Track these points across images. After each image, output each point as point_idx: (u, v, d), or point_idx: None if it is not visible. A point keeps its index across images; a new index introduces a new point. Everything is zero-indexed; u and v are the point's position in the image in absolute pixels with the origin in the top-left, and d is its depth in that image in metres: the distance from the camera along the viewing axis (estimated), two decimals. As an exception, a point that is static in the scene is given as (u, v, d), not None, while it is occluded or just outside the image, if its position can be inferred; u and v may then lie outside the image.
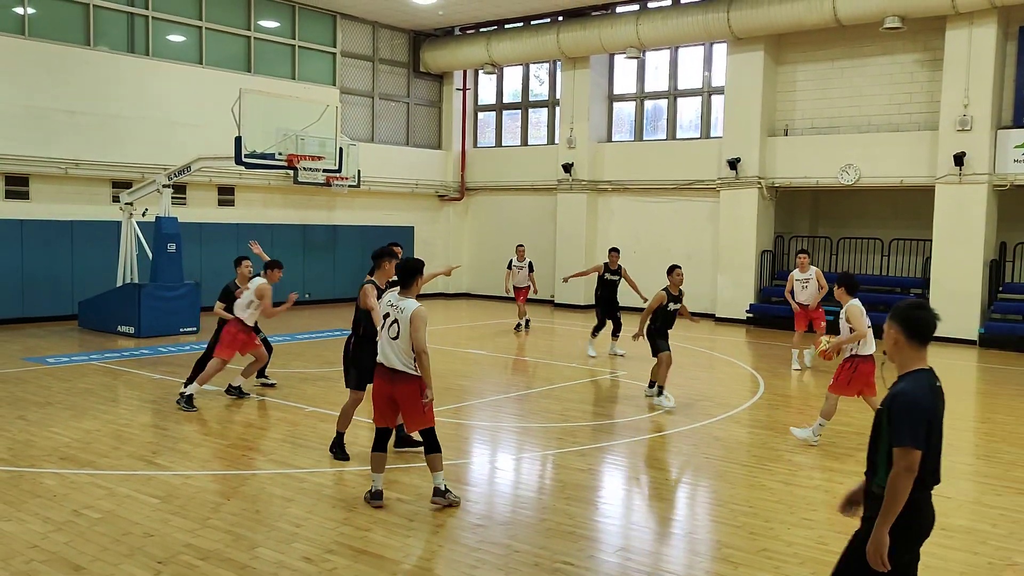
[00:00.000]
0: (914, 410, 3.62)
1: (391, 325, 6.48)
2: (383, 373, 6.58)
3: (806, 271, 13.65)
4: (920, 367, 3.75)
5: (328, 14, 22.19)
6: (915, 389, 3.67)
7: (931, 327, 3.78)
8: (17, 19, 16.89)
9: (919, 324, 3.76)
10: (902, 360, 3.79)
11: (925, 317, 3.77)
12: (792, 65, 19.83)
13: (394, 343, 6.46)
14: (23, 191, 16.99)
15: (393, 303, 6.54)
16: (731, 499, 7.12)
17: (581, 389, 11.89)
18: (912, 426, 3.59)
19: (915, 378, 3.72)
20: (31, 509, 6.44)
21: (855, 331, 8.74)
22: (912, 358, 3.77)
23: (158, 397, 10.67)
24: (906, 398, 3.65)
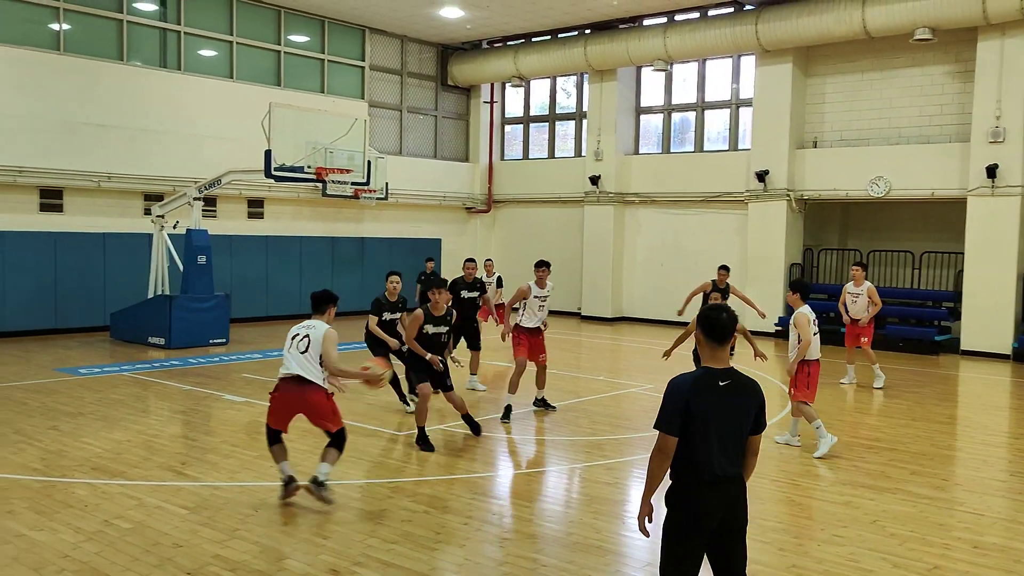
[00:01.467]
0: (667, 398, 3.98)
1: (301, 340, 7.12)
2: (291, 381, 7.05)
3: (860, 285, 13.46)
4: (708, 364, 4.05)
5: (357, 28, 22.39)
6: (679, 381, 4.01)
7: (723, 327, 4.06)
8: (52, 35, 17.22)
9: (713, 325, 4.07)
10: (704, 357, 4.12)
11: (718, 319, 4.07)
12: (821, 77, 19.71)
13: (302, 356, 7.05)
14: (57, 204, 17.28)
15: (307, 324, 7.27)
16: (759, 514, 7.04)
17: (608, 402, 11.84)
18: (663, 412, 3.96)
19: (695, 373, 4.04)
20: (63, 519, 6.52)
21: (802, 339, 8.99)
22: (706, 356, 4.09)
23: (187, 408, 10.77)
24: (667, 388, 4.02)
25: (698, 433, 3.94)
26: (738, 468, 4.08)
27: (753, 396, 4.10)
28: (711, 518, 3.99)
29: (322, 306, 7.47)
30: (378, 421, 10.14)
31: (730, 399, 4.01)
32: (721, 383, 4.00)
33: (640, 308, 22.53)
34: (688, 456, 3.97)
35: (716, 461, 3.96)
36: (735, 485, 4.06)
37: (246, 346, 16.13)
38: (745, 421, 4.08)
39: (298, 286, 20.91)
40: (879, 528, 6.71)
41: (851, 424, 10.65)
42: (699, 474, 3.96)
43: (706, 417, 3.94)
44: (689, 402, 3.93)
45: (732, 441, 4.03)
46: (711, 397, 3.97)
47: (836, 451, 9.11)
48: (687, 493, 4.01)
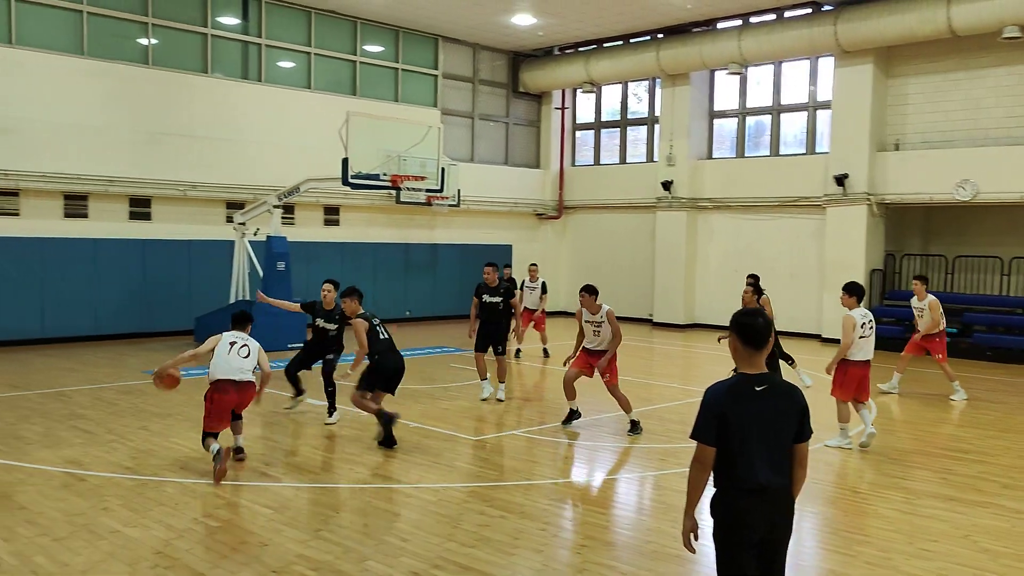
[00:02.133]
0: (703, 407, 3.92)
1: (242, 348, 8.28)
2: (231, 386, 8.09)
3: (923, 299, 13.07)
4: (744, 370, 3.98)
5: (430, 37, 22.68)
6: (714, 389, 3.95)
7: (759, 333, 3.97)
8: (142, 49, 17.88)
9: (748, 330, 3.98)
10: (738, 363, 4.03)
11: (753, 324, 3.99)
12: (903, 78, 19.19)
13: (245, 361, 8.22)
14: (145, 212, 17.92)
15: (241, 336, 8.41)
16: (844, 527, 6.89)
17: (682, 409, 11.71)
18: (699, 421, 3.92)
19: (730, 380, 3.98)
20: (155, 516, 6.75)
21: (842, 340, 9.36)
22: (743, 362, 4.01)
23: (266, 410, 11.03)
24: (703, 396, 3.96)
25: (737, 441, 3.86)
26: (784, 478, 3.94)
27: (793, 401, 3.99)
28: (755, 527, 3.91)
29: (247, 324, 8.62)
30: (453, 426, 10.24)
31: (768, 404, 3.92)
32: (757, 388, 3.93)
33: (713, 315, 22.22)
34: (729, 465, 3.90)
35: (758, 469, 3.87)
36: (780, 495, 3.94)
37: (323, 350, 16.41)
38: (786, 427, 3.96)
39: (372, 292, 21.21)
40: (970, 543, 6.50)
41: (938, 435, 10.34)
42: (741, 483, 3.89)
43: (744, 424, 3.86)
44: (726, 410, 3.86)
45: (774, 448, 3.92)
46: (748, 404, 3.89)
47: (922, 463, 8.86)
48: (730, 502, 3.94)
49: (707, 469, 3.93)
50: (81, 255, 16.84)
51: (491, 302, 12.06)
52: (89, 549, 6.03)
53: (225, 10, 19.11)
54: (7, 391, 11.81)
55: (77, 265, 16.74)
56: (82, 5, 16.92)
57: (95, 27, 17.17)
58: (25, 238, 16.28)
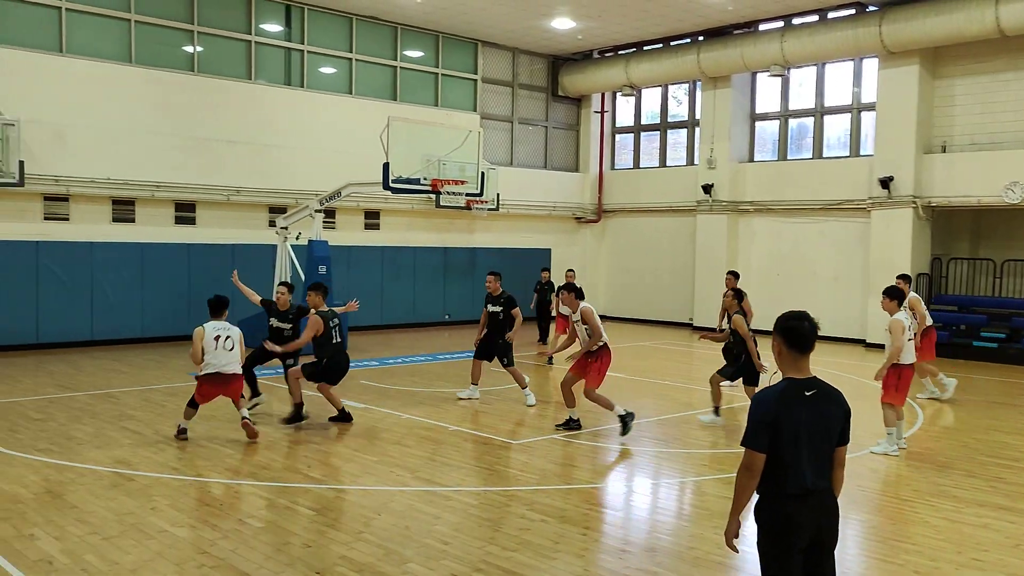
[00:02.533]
0: (753, 414, 3.88)
1: (226, 341, 9.16)
2: (219, 379, 9.14)
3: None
4: (792, 375, 3.94)
5: (470, 42, 22.78)
6: (764, 396, 3.91)
7: (806, 337, 3.94)
8: (187, 57, 18.20)
9: (795, 334, 3.94)
10: (783, 368, 4.01)
11: (799, 327, 3.94)
12: (950, 79, 18.84)
13: (230, 353, 9.14)
14: (190, 216, 18.22)
15: (223, 326, 9.26)
16: (891, 535, 6.78)
17: (725, 415, 11.61)
18: (751, 429, 3.87)
19: (779, 385, 3.93)
20: (200, 516, 6.86)
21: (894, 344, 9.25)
22: (788, 366, 3.97)
23: (309, 412, 11.13)
24: (752, 403, 3.94)
25: (788, 446, 3.84)
26: (827, 480, 3.97)
27: (839, 405, 3.99)
28: (803, 532, 3.88)
29: (224, 310, 9.46)
30: (492, 429, 10.26)
31: (817, 409, 3.92)
32: (807, 393, 3.92)
33: (755, 319, 21.94)
34: (777, 469, 3.88)
35: (806, 473, 3.86)
36: (826, 498, 3.96)
37: (363, 354, 16.57)
38: (833, 431, 3.97)
39: (412, 295, 21.40)
40: (1021, 552, 6.35)
41: (987, 442, 10.12)
42: (788, 487, 3.87)
43: (796, 429, 3.85)
44: (778, 416, 3.84)
45: (821, 453, 3.93)
46: (799, 408, 3.88)
47: (971, 470, 8.69)
48: (777, 507, 3.92)
49: (756, 476, 3.91)
50: (128, 259, 17.17)
51: (492, 311, 11.99)
52: (138, 548, 6.14)
53: (268, 17, 19.38)
54: (58, 392, 12.08)
55: (124, 269, 17.08)
56: (130, 14, 17.27)
57: (142, 35, 17.51)
58: (75, 242, 16.65)
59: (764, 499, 3.99)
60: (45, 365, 14.57)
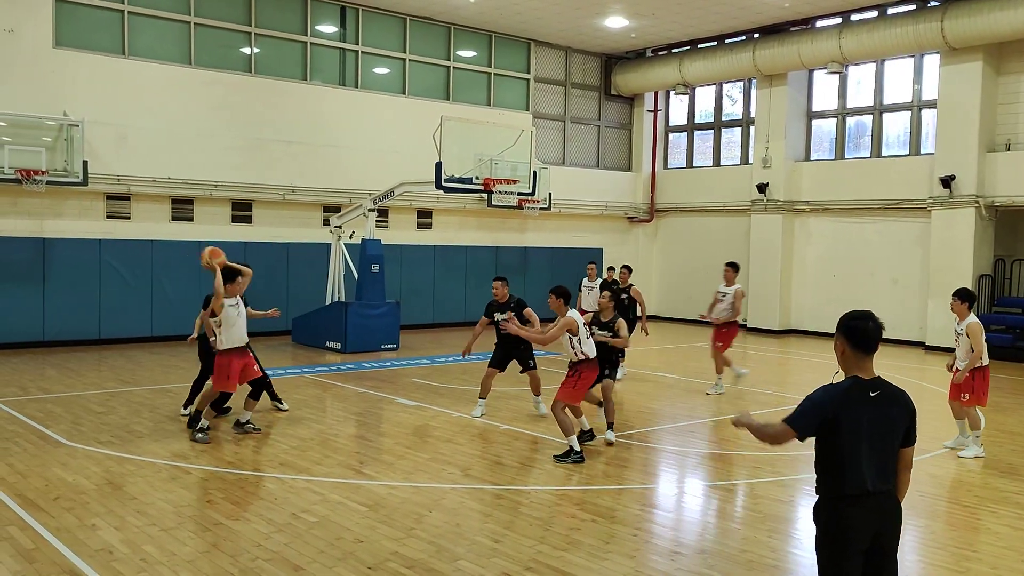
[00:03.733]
0: (814, 402, 3.85)
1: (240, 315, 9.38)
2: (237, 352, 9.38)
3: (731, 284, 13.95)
4: (856, 374, 3.87)
5: (523, 41, 22.79)
6: (830, 390, 3.86)
7: (871, 337, 3.87)
8: (245, 58, 18.53)
9: (860, 334, 3.88)
10: (846, 368, 3.94)
11: (864, 327, 3.88)
12: (1016, 75, 18.29)
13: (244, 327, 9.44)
14: (247, 215, 18.55)
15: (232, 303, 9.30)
16: (952, 542, 6.61)
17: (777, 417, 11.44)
18: (803, 412, 3.86)
19: (845, 383, 3.87)
20: (255, 510, 6.97)
21: (975, 348, 9.16)
22: (852, 366, 3.91)
23: (363, 410, 11.27)
24: (817, 392, 3.90)
25: (849, 446, 3.79)
26: (890, 483, 3.89)
27: (904, 407, 3.91)
28: (863, 534, 3.81)
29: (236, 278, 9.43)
30: (544, 429, 10.24)
31: (882, 410, 3.84)
32: (872, 393, 3.85)
33: (810, 320, 21.65)
34: (838, 469, 3.82)
35: (868, 474, 3.80)
36: (888, 500, 3.87)
37: (415, 352, 16.70)
38: (897, 432, 3.89)
39: (463, 294, 21.48)
40: (1090, 564, 6.14)
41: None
42: (849, 488, 3.81)
43: (858, 429, 3.78)
44: (839, 414, 3.79)
45: (884, 454, 3.85)
46: (863, 408, 3.81)
47: (1036, 478, 8.43)
48: (835, 508, 3.85)
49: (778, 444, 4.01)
50: (187, 257, 17.48)
51: (501, 319, 10.94)
52: (195, 540, 6.27)
53: (324, 19, 19.63)
54: (119, 387, 12.39)
55: (183, 267, 17.42)
56: (190, 17, 17.64)
57: (202, 38, 17.87)
58: (135, 240, 17.07)
59: (823, 499, 3.94)
60: (107, 360, 14.96)
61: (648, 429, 10.37)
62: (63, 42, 16.34)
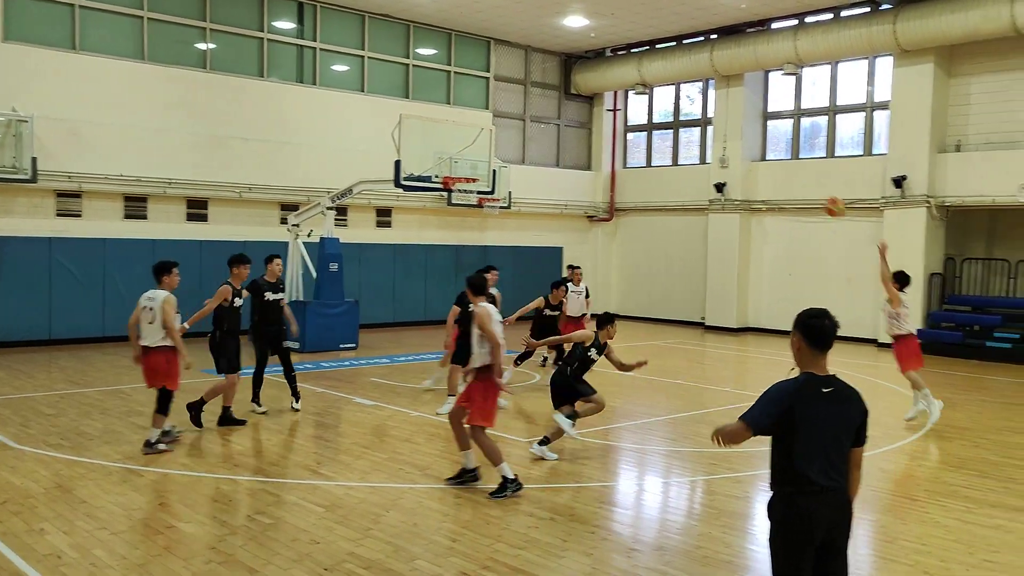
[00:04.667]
0: (769, 398, 3.93)
1: (148, 312, 8.52)
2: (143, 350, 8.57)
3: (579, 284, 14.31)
4: (810, 370, 3.94)
5: (483, 40, 22.76)
6: (784, 385, 3.92)
7: (826, 334, 3.94)
8: (200, 54, 18.26)
9: (816, 332, 3.95)
10: (801, 364, 4.01)
11: (821, 325, 3.94)
12: (965, 77, 18.69)
13: (151, 327, 8.46)
14: (203, 213, 18.28)
15: (150, 296, 8.59)
16: (902, 535, 6.73)
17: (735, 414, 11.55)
18: (758, 407, 3.93)
19: (799, 378, 3.94)
20: (209, 513, 6.87)
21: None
22: (807, 362, 3.98)
23: (320, 410, 11.16)
24: (771, 388, 3.95)
25: (800, 442, 3.84)
26: (841, 480, 3.94)
27: (857, 405, 3.98)
28: (815, 529, 3.87)
29: (159, 275, 8.81)
30: (503, 427, 10.23)
31: (835, 407, 3.91)
32: (824, 390, 3.91)
33: (767, 318, 21.91)
34: (790, 465, 3.88)
35: (820, 470, 3.85)
36: (839, 497, 3.93)
37: (374, 351, 16.60)
38: (849, 430, 3.95)
39: (423, 293, 21.39)
40: (1034, 555, 6.30)
41: (1001, 443, 10.04)
42: (801, 484, 3.86)
43: (809, 425, 3.85)
44: (793, 407, 3.85)
45: (835, 451, 3.91)
46: (816, 404, 3.88)
47: (985, 471, 8.62)
48: (789, 503, 3.91)
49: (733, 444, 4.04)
50: (140, 255, 17.19)
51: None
52: (146, 543, 6.16)
53: (281, 15, 19.42)
54: (69, 388, 12.14)
55: (136, 265, 17.10)
56: (143, 11, 17.33)
57: (155, 33, 17.57)
58: (87, 239, 16.73)
59: (776, 494, 3.99)
60: (57, 361, 14.65)
61: (607, 427, 10.41)
62: (12, 36, 15.97)
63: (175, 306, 8.60)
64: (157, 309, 8.51)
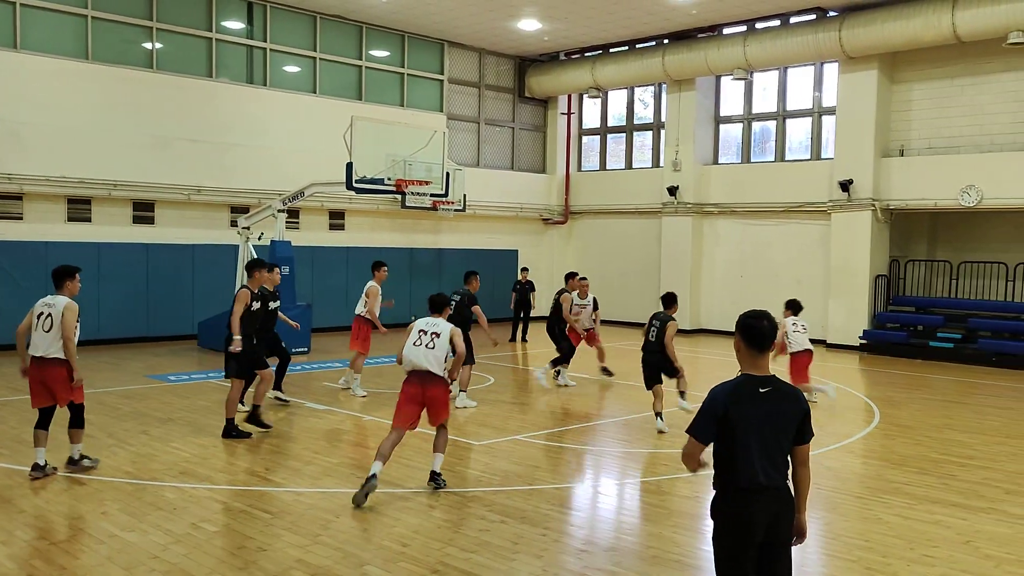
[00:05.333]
0: (705, 405, 3.98)
1: (45, 320, 7.74)
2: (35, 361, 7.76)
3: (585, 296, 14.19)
4: (748, 371, 4.01)
5: (436, 42, 22.71)
6: (718, 390, 3.98)
7: (764, 335, 4.01)
8: (146, 53, 17.94)
9: (753, 332, 4.01)
10: (741, 364, 4.07)
11: (759, 326, 4.01)
12: (908, 84, 19.14)
13: (47, 335, 7.70)
14: (149, 216, 17.95)
15: (48, 303, 7.82)
16: (845, 532, 6.85)
17: (688, 415, 11.66)
18: (698, 418, 3.99)
19: (735, 380, 4.00)
20: (153, 521, 6.73)
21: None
22: (746, 363, 4.04)
23: (271, 415, 11.01)
24: (708, 395, 4.00)
25: (739, 441, 3.90)
26: (783, 478, 4.00)
27: (795, 403, 4.03)
28: (756, 527, 3.92)
29: (59, 281, 7.95)
30: (455, 431, 10.19)
31: (771, 406, 3.96)
32: (762, 390, 3.97)
33: (719, 320, 22.17)
34: (730, 464, 3.94)
35: (759, 469, 3.91)
36: (780, 494, 3.98)
37: (327, 355, 16.44)
38: (788, 428, 4.00)
39: (377, 296, 21.20)
40: (972, 549, 6.45)
41: (941, 441, 10.28)
42: (741, 482, 3.92)
43: (747, 424, 3.90)
44: (728, 410, 3.91)
45: (775, 449, 3.96)
46: (751, 404, 3.93)
47: (925, 468, 8.81)
48: (730, 502, 3.97)
49: (694, 463, 4.07)
50: (84, 259, 16.70)
51: None
52: (87, 553, 6.02)
53: (230, 15, 19.16)
54: (9, 395, 11.82)
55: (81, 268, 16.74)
56: (87, 10, 16.98)
57: (100, 32, 17.22)
58: (28, 242, 16.31)
59: (719, 494, 4.04)
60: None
61: (560, 429, 10.44)
62: (-51, 33, 15.55)
63: (77, 315, 7.79)
64: (56, 316, 7.68)
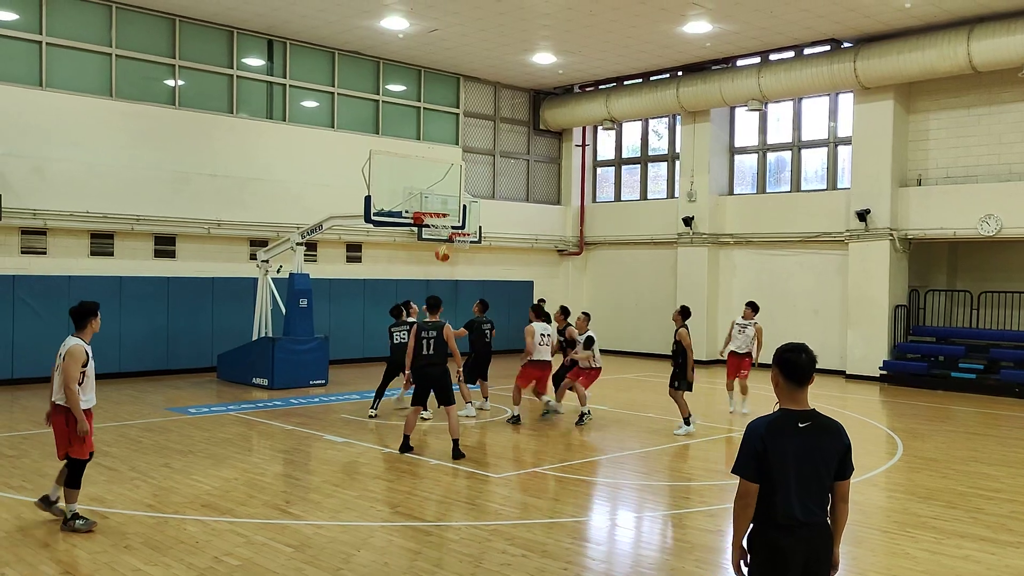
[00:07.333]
0: (744, 443, 3.96)
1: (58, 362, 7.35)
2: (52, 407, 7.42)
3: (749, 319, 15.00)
4: (787, 406, 3.98)
5: (452, 76, 22.95)
6: (755, 424, 3.96)
7: (802, 369, 3.98)
8: (169, 90, 18.22)
9: (792, 366, 4.00)
10: (780, 399, 4.04)
11: (797, 360, 4.00)
12: (924, 113, 19.16)
13: (57, 379, 7.40)
14: (170, 250, 18.13)
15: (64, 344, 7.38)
16: (871, 568, 6.76)
17: (706, 447, 11.60)
18: (740, 457, 3.95)
19: (772, 415, 3.97)
20: (175, 555, 6.74)
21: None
22: (785, 397, 4.02)
23: (290, 447, 11.04)
24: (745, 431, 3.99)
25: (777, 476, 3.87)
26: (822, 514, 3.96)
27: (837, 438, 3.98)
28: (793, 563, 3.88)
29: (81, 321, 7.60)
30: (473, 463, 10.18)
31: (811, 441, 3.92)
32: (800, 425, 3.93)
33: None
34: (768, 499, 3.90)
35: (796, 505, 3.87)
36: (819, 531, 3.94)
37: (344, 387, 16.47)
38: (828, 464, 3.95)
39: (394, 328, 21.26)
40: (1002, 585, 6.35)
41: (968, 473, 10.15)
42: (779, 518, 3.88)
43: (784, 460, 3.87)
44: (766, 445, 3.88)
45: (814, 485, 3.91)
46: (789, 439, 3.90)
47: (952, 502, 8.71)
48: (767, 537, 3.93)
49: (750, 505, 3.94)
50: (106, 293, 16.98)
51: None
52: (110, 587, 6.02)
53: (250, 52, 19.46)
54: (32, 429, 11.89)
55: (102, 303, 16.67)
56: (111, 48, 17.29)
57: (123, 69, 17.52)
58: (52, 276, 16.49)
59: (756, 528, 4.00)
60: (20, 400, 14.37)
61: (579, 461, 10.39)
62: (-23, 72, 15.85)
63: (80, 361, 7.31)
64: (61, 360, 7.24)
